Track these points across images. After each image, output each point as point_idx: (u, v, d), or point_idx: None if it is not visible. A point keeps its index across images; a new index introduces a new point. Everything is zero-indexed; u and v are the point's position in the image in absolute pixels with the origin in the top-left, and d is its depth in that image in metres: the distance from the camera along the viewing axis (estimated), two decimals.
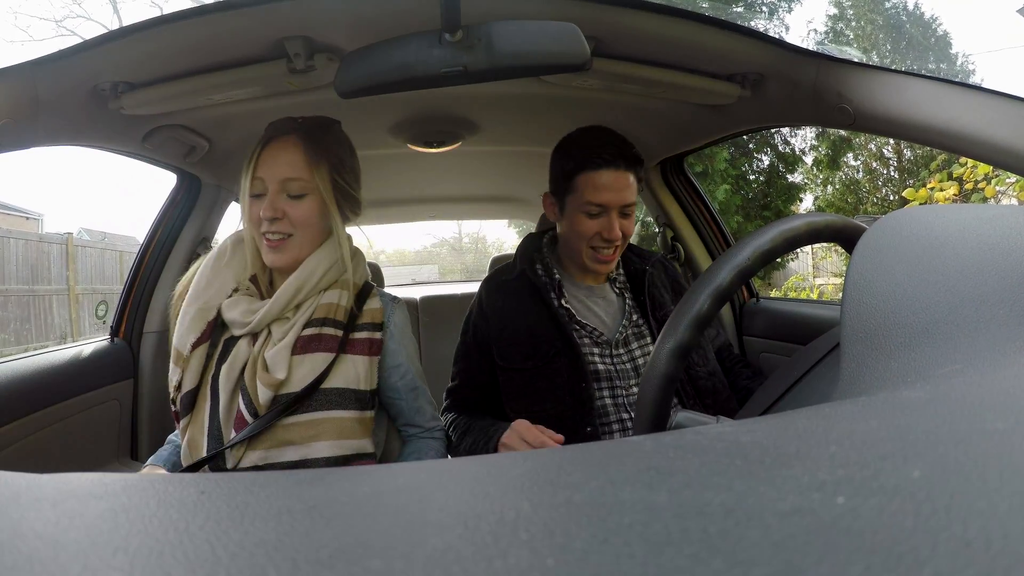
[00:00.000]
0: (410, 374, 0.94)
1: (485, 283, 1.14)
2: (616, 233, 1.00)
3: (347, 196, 0.90)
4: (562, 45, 0.72)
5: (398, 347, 0.93)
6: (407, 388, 0.94)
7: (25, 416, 1.08)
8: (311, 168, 0.84)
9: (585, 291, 1.08)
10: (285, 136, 0.85)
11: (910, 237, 0.35)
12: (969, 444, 0.16)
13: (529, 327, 1.03)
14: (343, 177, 0.89)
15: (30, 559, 0.14)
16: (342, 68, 0.74)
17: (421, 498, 0.18)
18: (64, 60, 0.83)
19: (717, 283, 0.48)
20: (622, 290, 1.10)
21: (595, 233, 1.00)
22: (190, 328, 0.84)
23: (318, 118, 0.91)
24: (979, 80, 9.26)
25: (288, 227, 0.84)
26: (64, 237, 7.78)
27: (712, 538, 0.13)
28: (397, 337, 0.93)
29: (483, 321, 1.08)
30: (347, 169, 0.90)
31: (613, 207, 0.99)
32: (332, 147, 0.88)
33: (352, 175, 0.92)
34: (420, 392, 0.96)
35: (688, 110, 1.23)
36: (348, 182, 0.90)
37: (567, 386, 0.98)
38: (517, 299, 1.06)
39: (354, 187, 0.92)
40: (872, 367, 0.29)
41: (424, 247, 25.81)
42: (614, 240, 1.00)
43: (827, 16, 10.22)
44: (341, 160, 0.89)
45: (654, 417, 0.48)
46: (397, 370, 0.92)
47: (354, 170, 0.93)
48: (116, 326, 1.45)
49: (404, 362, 0.93)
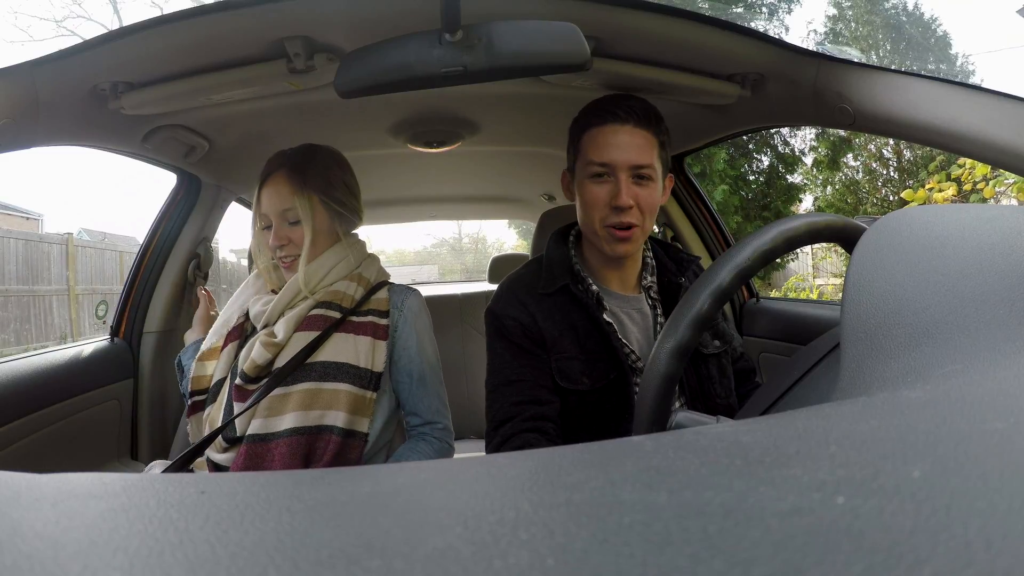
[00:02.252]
0: (418, 361, 0.98)
1: (513, 291, 0.95)
2: (625, 199, 0.84)
3: (342, 209, 0.99)
4: (562, 45, 0.72)
5: (411, 330, 0.99)
6: (414, 375, 0.97)
7: (25, 416, 1.08)
8: (297, 196, 0.94)
9: (619, 301, 0.93)
10: (275, 173, 0.96)
11: (910, 237, 0.35)
12: (969, 444, 0.16)
13: (580, 341, 0.89)
14: (332, 195, 0.98)
15: (30, 559, 0.14)
16: (342, 68, 0.74)
17: (421, 498, 0.18)
18: (64, 60, 0.83)
19: (717, 283, 0.49)
20: (655, 303, 0.95)
21: (604, 203, 0.86)
22: (214, 333, 1.01)
23: (303, 148, 1.00)
24: (979, 80, 9.26)
25: (295, 249, 0.96)
26: (64, 237, 7.78)
27: (712, 538, 0.13)
28: (410, 321, 0.99)
29: (530, 320, 0.90)
30: (336, 186, 0.99)
31: (621, 168, 0.84)
32: (316, 172, 0.97)
33: (344, 189, 1.00)
34: (428, 384, 0.99)
35: (688, 110, 1.23)
36: (339, 198, 0.99)
37: (624, 411, 0.86)
38: (560, 310, 0.91)
39: (347, 200, 1.00)
40: (872, 367, 0.29)
41: (424, 247, 25.83)
42: (624, 206, 0.84)
43: (826, 17, 10.21)
44: (328, 181, 0.98)
45: (654, 417, 0.48)
46: (406, 352, 0.98)
47: (346, 184, 1.01)
48: (116, 326, 1.45)
49: (414, 347, 0.98)
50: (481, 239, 24.91)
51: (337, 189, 0.99)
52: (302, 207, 0.94)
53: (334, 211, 0.98)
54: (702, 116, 1.24)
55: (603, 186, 0.86)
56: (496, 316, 0.94)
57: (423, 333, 1.01)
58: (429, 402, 0.98)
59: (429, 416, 0.98)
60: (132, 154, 1.20)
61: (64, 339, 7.33)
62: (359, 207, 1.04)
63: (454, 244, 24.93)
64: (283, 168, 0.96)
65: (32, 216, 12.03)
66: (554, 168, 1.85)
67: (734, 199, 7.24)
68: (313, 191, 0.95)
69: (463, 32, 0.68)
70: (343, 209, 0.99)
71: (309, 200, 0.95)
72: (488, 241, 24.50)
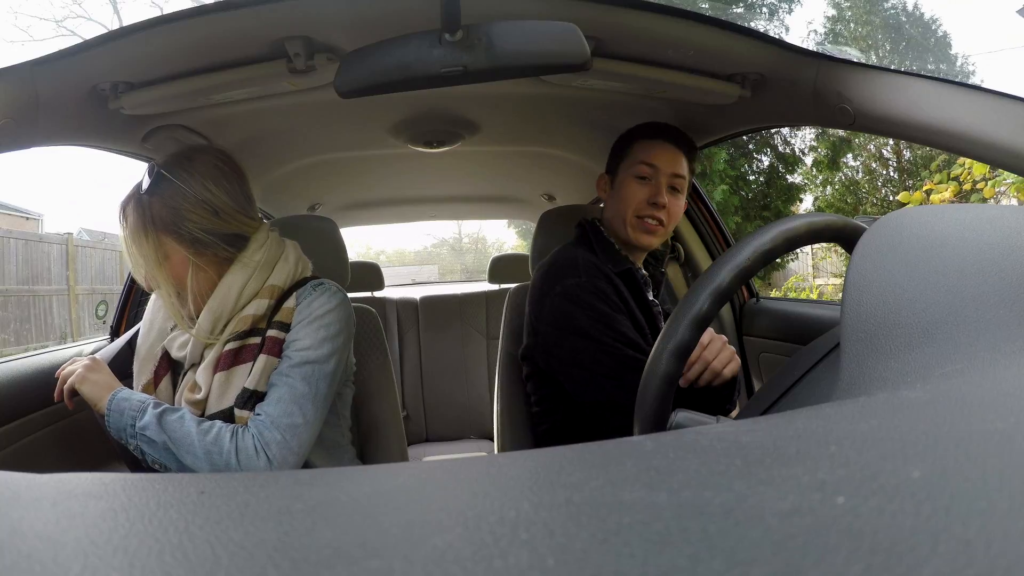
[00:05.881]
0: (298, 359, 0.82)
1: (592, 263, 1.00)
2: (664, 199, 1.00)
3: (203, 233, 0.82)
4: (562, 45, 0.72)
5: (300, 330, 0.85)
6: (284, 370, 0.82)
7: (25, 416, 1.08)
8: (147, 237, 0.81)
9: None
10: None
11: (910, 237, 0.35)
12: (969, 444, 0.16)
13: (634, 319, 0.98)
14: (183, 227, 0.81)
15: (30, 559, 0.14)
16: (342, 68, 0.74)
17: (421, 498, 0.18)
18: (64, 60, 0.83)
19: (717, 283, 0.49)
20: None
21: (643, 200, 1.01)
22: (141, 370, 0.91)
23: (144, 174, 0.84)
24: (979, 80, 9.26)
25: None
26: (64, 237, 7.78)
27: (712, 538, 0.13)
28: (304, 321, 0.85)
29: (611, 288, 0.97)
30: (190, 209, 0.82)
31: (664, 172, 1.01)
32: (159, 206, 0.82)
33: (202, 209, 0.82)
34: (295, 387, 0.81)
35: (688, 110, 1.23)
36: (193, 227, 0.82)
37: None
38: (617, 291, 0.99)
39: (208, 220, 0.83)
40: (872, 367, 0.29)
41: (424, 247, 25.78)
42: (661, 204, 1.00)
43: (826, 17, 10.21)
44: (175, 211, 0.81)
45: (654, 417, 0.48)
46: (289, 347, 0.84)
47: (206, 203, 0.82)
48: (116, 326, 1.45)
49: (300, 340, 0.84)
50: (481, 239, 24.90)
51: (196, 211, 0.82)
52: (157, 245, 0.83)
53: (194, 243, 0.82)
54: (702, 116, 1.24)
55: (644, 187, 1.02)
56: (582, 285, 0.97)
57: (315, 332, 0.85)
58: (279, 399, 0.83)
59: (264, 407, 0.82)
60: (132, 154, 1.20)
61: (64, 339, 7.33)
62: (226, 207, 0.84)
63: (454, 244, 24.92)
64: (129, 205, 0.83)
65: (32, 216, 12.01)
66: (554, 168, 1.86)
67: (734, 199, 7.24)
68: (163, 229, 0.82)
69: (463, 32, 0.68)
70: (207, 232, 0.83)
71: (164, 238, 0.82)
72: (488, 241, 24.47)
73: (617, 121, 1.17)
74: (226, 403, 0.81)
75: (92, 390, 0.83)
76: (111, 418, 0.80)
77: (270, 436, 0.78)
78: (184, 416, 0.79)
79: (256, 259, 0.86)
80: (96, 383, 0.83)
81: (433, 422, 2.31)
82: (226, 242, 0.84)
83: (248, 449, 0.77)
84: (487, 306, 2.36)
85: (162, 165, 0.84)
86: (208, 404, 0.82)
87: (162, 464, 0.79)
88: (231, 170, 0.87)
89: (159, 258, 0.82)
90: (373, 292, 2.30)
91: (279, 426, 0.79)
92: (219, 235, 0.84)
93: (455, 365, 2.33)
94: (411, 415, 2.28)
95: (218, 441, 0.78)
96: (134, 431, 0.78)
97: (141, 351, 0.92)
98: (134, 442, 0.79)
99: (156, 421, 0.78)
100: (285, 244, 0.92)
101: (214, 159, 0.87)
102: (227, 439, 0.78)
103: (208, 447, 0.77)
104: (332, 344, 0.86)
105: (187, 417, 0.79)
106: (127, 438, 0.79)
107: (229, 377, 0.82)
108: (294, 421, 0.80)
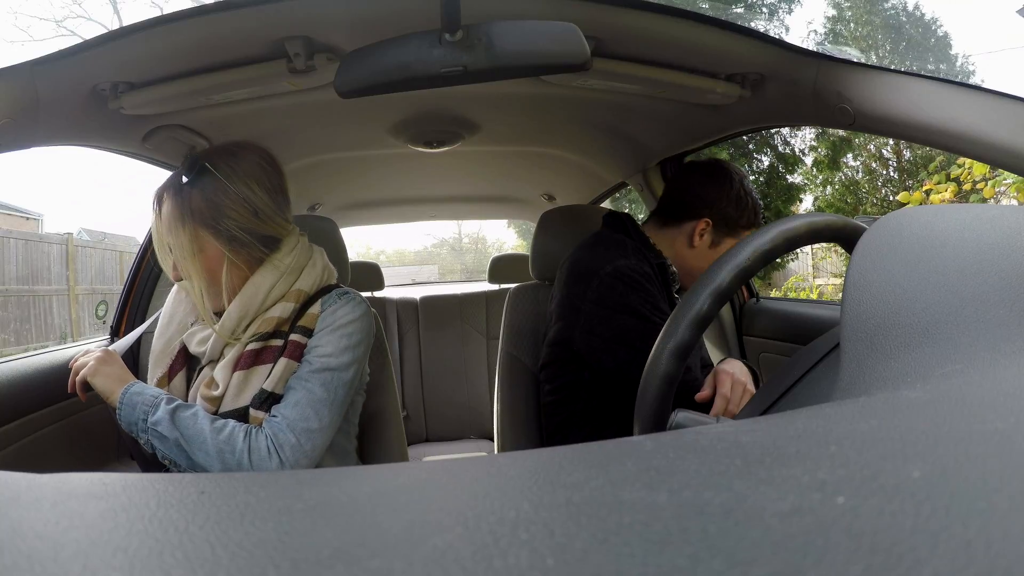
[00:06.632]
0: (318, 365, 0.82)
1: (637, 250, 1.04)
2: None
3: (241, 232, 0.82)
4: (562, 45, 0.72)
5: (323, 337, 0.84)
6: (304, 374, 0.82)
7: (25, 416, 1.08)
8: (184, 227, 0.81)
9: None
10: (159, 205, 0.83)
11: (910, 237, 0.35)
12: (969, 444, 0.16)
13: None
14: (222, 223, 0.81)
15: (30, 559, 0.14)
16: (342, 68, 0.74)
17: (421, 498, 0.18)
18: (64, 60, 0.83)
19: (717, 283, 0.49)
20: None
21: None
22: (156, 363, 0.89)
23: (182, 167, 0.84)
24: (979, 80, 9.25)
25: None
26: (64, 237, 7.78)
27: (712, 538, 0.13)
28: (328, 329, 0.85)
29: (654, 274, 1.02)
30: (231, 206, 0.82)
31: None
32: (199, 199, 0.81)
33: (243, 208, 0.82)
34: (313, 392, 0.81)
35: (688, 110, 1.23)
36: (232, 225, 0.82)
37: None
38: (657, 279, 1.04)
39: (248, 219, 0.83)
40: (872, 367, 0.29)
41: (424, 247, 25.76)
42: None
43: (826, 17, 10.20)
44: (216, 207, 0.81)
45: (654, 417, 0.48)
46: (310, 352, 0.84)
47: (248, 202, 0.82)
48: (116, 326, 1.45)
49: (322, 346, 0.84)
50: (481, 239, 24.89)
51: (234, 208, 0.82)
52: (190, 237, 0.82)
53: (231, 241, 0.82)
54: (702, 116, 1.24)
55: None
56: (633, 267, 0.99)
57: (337, 340, 0.85)
58: (296, 404, 0.83)
59: (281, 410, 0.83)
60: (132, 154, 1.20)
61: (64, 339, 7.33)
62: (266, 212, 0.84)
63: (454, 244, 24.91)
64: (166, 193, 0.83)
65: (32, 216, 12.01)
66: (554, 168, 1.86)
67: None
68: (200, 223, 0.81)
69: (463, 32, 0.68)
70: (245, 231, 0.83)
71: (195, 231, 0.82)
72: (488, 241, 24.46)
73: (617, 121, 1.18)
74: (241, 402, 0.81)
75: (105, 383, 0.82)
76: (123, 412, 0.79)
77: (285, 438, 0.78)
78: (197, 413, 0.79)
79: (286, 262, 0.86)
80: (109, 376, 0.83)
81: (433, 422, 2.31)
82: (262, 243, 0.84)
83: (261, 450, 0.77)
84: (487, 306, 2.36)
85: (206, 158, 0.83)
86: (223, 402, 0.82)
87: (172, 460, 0.79)
88: (274, 171, 0.87)
89: (194, 250, 0.81)
90: (373, 292, 2.30)
91: (295, 429, 0.79)
92: (256, 235, 0.84)
93: (455, 365, 2.33)
94: (411, 415, 2.28)
95: (231, 440, 0.77)
96: (146, 426, 0.78)
97: (158, 344, 0.91)
98: (145, 437, 0.79)
99: (169, 417, 0.77)
100: (313, 250, 0.92)
101: (258, 158, 0.86)
102: (240, 438, 0.78)
103: (220, 445, 0.77)
104: (353, 353, 0.86)
105: (200, 414, 0.79)
106: (138, 432, 0.79)
107: (248, 377, 0.82)
108: (310, 425, 0.80)
